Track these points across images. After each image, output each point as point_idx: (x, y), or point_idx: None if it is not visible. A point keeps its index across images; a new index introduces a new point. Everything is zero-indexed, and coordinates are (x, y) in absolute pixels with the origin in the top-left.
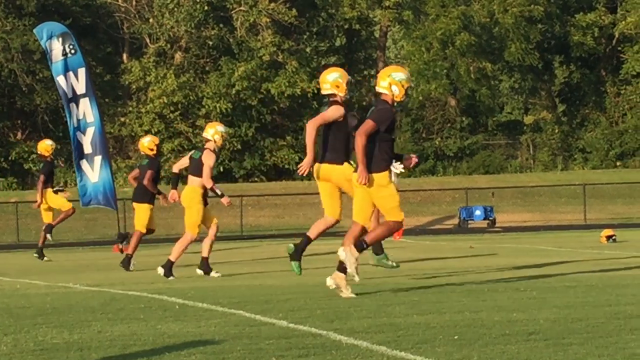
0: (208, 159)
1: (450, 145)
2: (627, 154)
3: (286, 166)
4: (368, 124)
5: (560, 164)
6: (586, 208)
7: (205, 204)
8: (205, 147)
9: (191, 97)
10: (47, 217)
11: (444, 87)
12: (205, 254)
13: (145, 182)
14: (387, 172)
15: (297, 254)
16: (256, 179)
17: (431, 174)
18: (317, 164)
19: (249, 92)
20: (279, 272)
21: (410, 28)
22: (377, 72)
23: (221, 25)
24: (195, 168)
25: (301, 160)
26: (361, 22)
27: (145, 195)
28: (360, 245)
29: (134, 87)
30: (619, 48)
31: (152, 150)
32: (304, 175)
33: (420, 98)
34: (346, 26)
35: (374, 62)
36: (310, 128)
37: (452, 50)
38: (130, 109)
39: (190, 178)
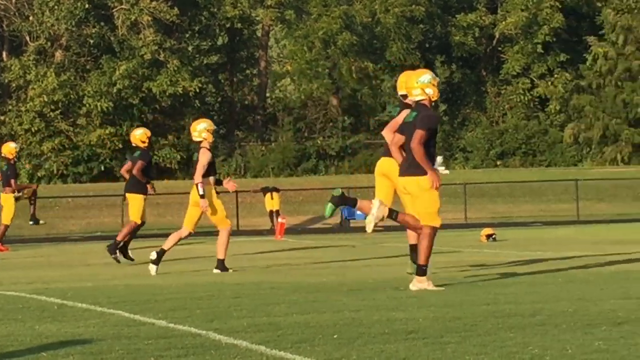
0: (203, 157)
1: (332, 144)
2: (507, 153)
3: (168, 165)
4: (420, 134)
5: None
6: (467, 207)
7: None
8: (200, 147)
9: (72, 96)
10: None
11: (326, 86)
12: (167, 247)
13: (134, 171)
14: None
15: (340, 201)
16: None
17: (313, 173)
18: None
19: (131, 90)
20: (159, 273)
21: (293, 27)
22: (259, 70)
23: (102, 24)
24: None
25: (183, 159)
26: (243, 21)
27: (138, 186)
28: (421, 271)
29: (13, 85)
30: (499, 48)
31: (144, 142)
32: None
33: (302, 97)
34: (228, 25)
35: (256, 61)
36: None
37: (334, 49)
38: (10, 107)
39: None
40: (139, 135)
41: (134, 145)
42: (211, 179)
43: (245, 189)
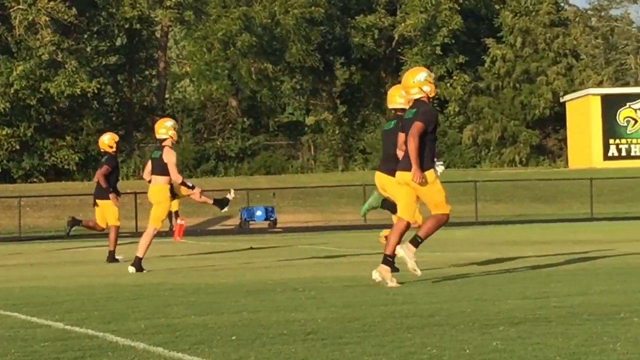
0: (170, 157)
1: (231, 145)
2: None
3: (66, 167)
4: (418, 126)
5: (340, 165)
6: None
7: (173, 198)
8: (163, 145)
9: None
10: None
11: (225, 87)
12: (140, 253)
13: (97, 175)
14: (432, 169)
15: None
16: (35, 179)
17: (212, 174)
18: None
19: (28, 91)
20: (56, 275)
21: (192, 28)
22: (158, 71)
23: None
24: (158, 167)
25: (81, 160)
26: (142, 21)
27: (108, 190)
28: (415, 241)
29: None
30: (399, 50)
31: (111, 147)
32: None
33: (202, 98)
34: (127, 26)
35: (155, 62)
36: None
37: (233, 50)
38: None
39: (154, 177)
40: (107, 141)
41: (102, 150)
42: (165, 178)
43: (144, 190)
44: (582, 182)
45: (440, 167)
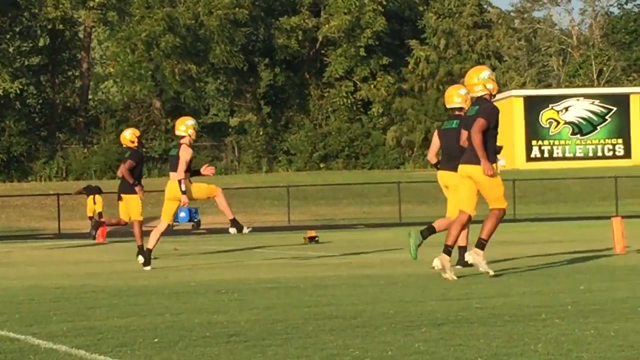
0: (185, 153)
1: (155, 147)
2: (331, 156)
3: None
4: (481, 122)
5: (265, 166)
6: (290, 209)
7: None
8: (181, 142)
9: None
10: None
11: (149, 88)
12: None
13: (122, 170)
14: (495, 164)
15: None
16: None
17: None
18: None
19: None
20: None
21: (115, 29)
22: (82, 72)
23: None
24: (174, 164)
25: (3, 161)
26: (65, 22)
27: (133, 186)
28: (480, 244)
29: None
30: (323, 51)
31: (133, 142)
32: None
33: (125, 99)
34: (50, 26)
35: (78, 62)
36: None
37: (157, 51)
38: None
39: (171, 174)
40: (128, 136)
41: (124, 146)
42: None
43: (67, 191)
44: (505, 183)
45: (502, 162)
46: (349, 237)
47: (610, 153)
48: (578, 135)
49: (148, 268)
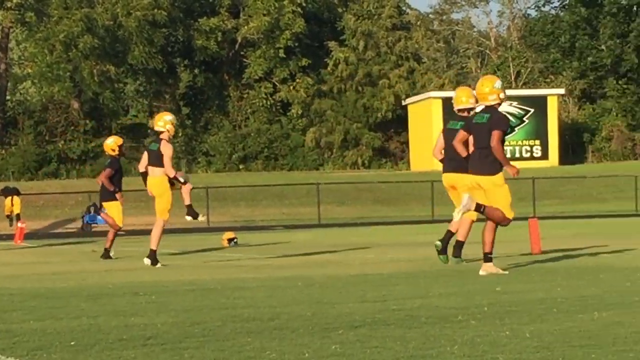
0: (167, 149)
1: (74, 148)
2: (250, 157)
3: None
4: (498, 134)
5: (184, 167)
6: (209, 211)
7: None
8: (160, 138)
9: None
10: None
11: (67, 89)
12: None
13: (101, 177)
14: (502, 173)
15: (444, 249)
16: None
17: (54, 177)
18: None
19: None
20: None
21: (33, 30)
22: (0, 73)
23: None
24: (155, 159)
25: None
26: None
27: (111, 192)
28: (487, 258)
29: None
30: (242, 53)
31: (114, 150)
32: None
33: (43, 100)
34: None
35: None
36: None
37: (75, 52)
38: None
39: (152, 169)
40: (110, 144)
41: (106, 153)
42: (163, 169)
43: None
44: (423, 184)
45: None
46: (268, 239)
47: (528, 154)
48: None
49: (147, 262)
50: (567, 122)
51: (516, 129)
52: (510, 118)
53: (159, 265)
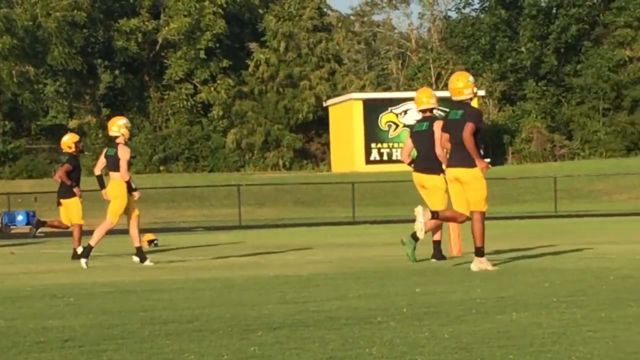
0: (124, 154)
1: None
2: (171, 158)
3: None
4: (471, 126)
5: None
6: None
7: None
8: (117, 142)
9: None
10: None
11: None
12: (137, 243)
13: (59, 174)
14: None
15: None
16: None
17: None
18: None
19: None
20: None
21: None
22: None
23: None
24: (113, 164)
25: None
26: None
27: (70, 189)
28: (480, 253)
29: None
30: (163, 54)
31: (70, 148)
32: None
33: None
34: None
35: None
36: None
37: None
38: None
39: (112, 174)
40: (66, 141)
41: (63, 151)
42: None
43: None
44: (344, 185)
45: (487, 160)
46: (189, 240)
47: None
48: None
49: (84, 266)
50: (487, 123)
51: None
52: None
53: (83, 262)
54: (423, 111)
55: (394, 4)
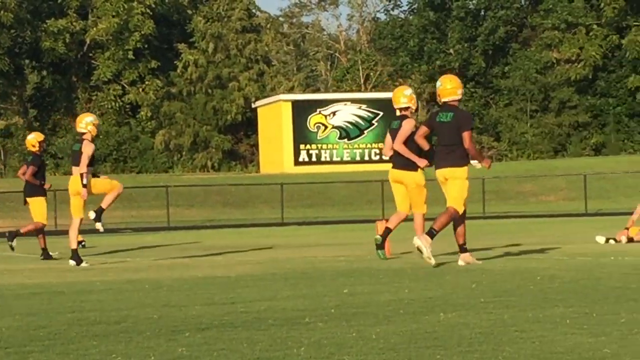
0: (87, 149)
1: None
2: (98, 159)
3: None
4: (469, 134)
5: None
6: (57, 213)
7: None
8: (83, 138)
9: None
10: None
11: None
12: (74, 245)
13: (26, 176)
14: (467, 168)
15: (382, 244)
16: None
17: None
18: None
19: None
20: None
21: None
22: None
23: None
24: (77, 159)
25: None
26: None
27: (36, 189)
28: (431, 232)
29: None
30: (90, 54)
31: (34, 147)
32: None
33: None
34: None
35: None
36: (402, 148)
37: None
38: None
39: (74, 169)
40: (30, 140)
41: (27, 150)
42: (90, 169)
43: None
44: (273, 187)
45: (477, 165)
46: (116, 242)
47: (377, 157)
48: (345, 140)
49: (85, 265)
50: (416, 125)
51: (365, 132)
52: (359, 121)
53: (84, 264)
54: (400, 109)
55: (323, 6)
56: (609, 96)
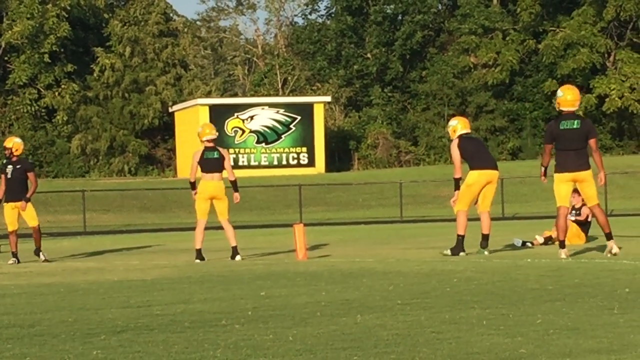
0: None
1: None
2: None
3: None
4: (596, 140)
5: None
6: None
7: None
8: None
9: None
10: None
11: None
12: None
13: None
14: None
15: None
16: None
17: None
18: None
19: None
20: None
21: None
22: None
23: None
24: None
25: None
26: None
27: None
28: (609, 236)
29: None
30: (6, 58)
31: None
32: None
33: None
34: None
35: None
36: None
37: None
38: None
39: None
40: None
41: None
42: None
43: None
44: (190, 191)
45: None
46: (32, 247)
47: (295, 161)
48: (263, 144)
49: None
50: (333, 129)
51: (283, 136)
52: (277, 125)
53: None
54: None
55: (241, 10)
56: (526, 100)
